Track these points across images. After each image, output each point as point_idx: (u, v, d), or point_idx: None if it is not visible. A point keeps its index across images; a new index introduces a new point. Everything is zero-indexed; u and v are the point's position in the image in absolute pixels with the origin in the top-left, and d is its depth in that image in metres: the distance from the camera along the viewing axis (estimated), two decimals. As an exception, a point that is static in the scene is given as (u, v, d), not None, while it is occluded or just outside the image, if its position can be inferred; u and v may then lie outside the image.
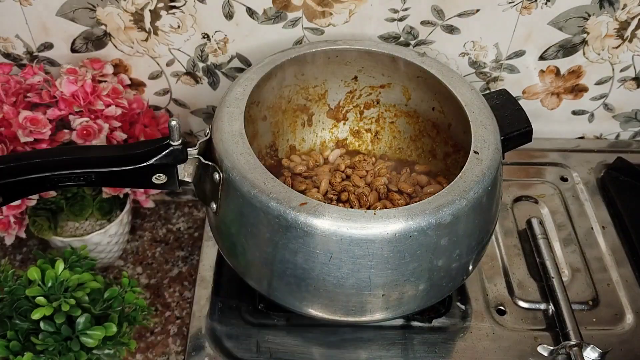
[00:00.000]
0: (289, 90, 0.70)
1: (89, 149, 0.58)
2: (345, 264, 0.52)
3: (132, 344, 0.60)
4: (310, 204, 0.51)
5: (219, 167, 0.55)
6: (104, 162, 0.54)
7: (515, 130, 0.59)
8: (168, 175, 0.55)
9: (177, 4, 0.69)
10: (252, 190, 0.52)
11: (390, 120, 0.74)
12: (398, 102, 0.72)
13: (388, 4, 0.71)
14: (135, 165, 0.54)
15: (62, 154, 0.54)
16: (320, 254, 0.51)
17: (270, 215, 0.51)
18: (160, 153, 0.53)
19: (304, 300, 0.57)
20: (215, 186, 0.56)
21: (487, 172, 0.55)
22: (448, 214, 0.51)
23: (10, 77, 0.70)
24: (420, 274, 0.54)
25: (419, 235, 0.51)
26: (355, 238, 0.50)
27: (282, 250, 0.53)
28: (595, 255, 0.75)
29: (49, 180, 0.53)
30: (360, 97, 0.73)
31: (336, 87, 0.72)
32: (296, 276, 0.54)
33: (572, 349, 0.63)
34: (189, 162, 0.56)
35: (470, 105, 0.60)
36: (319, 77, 0.70)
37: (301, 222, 0.50)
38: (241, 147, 0.55)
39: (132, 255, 0.83)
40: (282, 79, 0.68)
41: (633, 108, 0.86)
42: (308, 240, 0.51)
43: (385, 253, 0.51)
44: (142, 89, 0.78)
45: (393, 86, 0.71)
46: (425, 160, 0.72)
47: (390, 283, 0.54)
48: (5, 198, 0.54)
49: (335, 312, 0.57)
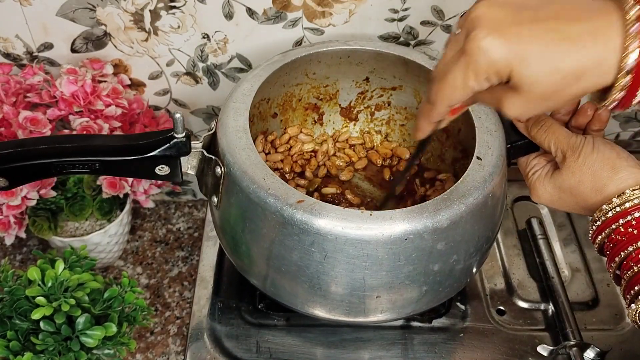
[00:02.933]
0: (299, 89, 0.70)
1: (95, 138, 0.58)
2: (340, 264, 0.52)
3: (132, 344, 0.60)
4: (307, 201, 0.51)
5: (221, 161, 0.55)
6: (108, 151, 0.54)
7: (523, 138, 0.58)
8: (171, 167, 0.56)
9: (177, 4, 0.69)
10: (251, 186, 0.52)
11: (401, 123, 0.74)
12: (409, 105, 0.72)
13: (388, 4, 0.71)
14: (139, 155, 0.54)
15: (67, 142, 0.54)
16: (315, 252, 0.52)
17: (267, 211, 0.52)
18: (163, 145, 0.54)
19: (298, 297, 0.57)
20: (217, 180, 0.56)
21: (488, 178, 0.54)
22: (445, 218, 0.51)
23: (10, 77, 0.70)
24: (416, 277, 0.54)
25: (415, 239, 0.51)
26: (350, 238, 0.50)
27: (278, 246, 0.53)
28: (595, 255, 0.75)
29: (54, 166, 0.53)
30: (372, 99, 0.73)
31: (348, 87, 0.72)
32: (291, 273, 0.54)
33: (571, 349, 0.63)
34: (192, 155, 0.57)
35: (477, 110, 0.60)
36: (331, 76, 0.70)
37: (297, 220, 0.51)
38: (244, 142, 0.55)
39: (132, 255, 0.83)
40: (292, 77, 0.68)
41: (633, 108, 0.86)
42: (304, 237, 0.51)
43: (380, 254, 0.51)
44: (142, 89, 0.78)
45: (404, 89, 0.71)
46: (433, 164, 0.72)
47: (384, 285, 0.54)
48: (11, 182, 0.54)
49: (329, 311, 0.57)
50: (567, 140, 0.52)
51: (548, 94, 0.39)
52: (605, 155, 0.50)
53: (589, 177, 0.50)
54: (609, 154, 0.50)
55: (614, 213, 0.48)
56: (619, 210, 0.48)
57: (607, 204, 0.48)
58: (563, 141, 0.52)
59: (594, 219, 0.50)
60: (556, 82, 0.38)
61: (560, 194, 0.53)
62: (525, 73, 0.38)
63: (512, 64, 0.38)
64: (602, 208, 0.49)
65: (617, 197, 0.48)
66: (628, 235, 0.47)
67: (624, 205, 0.47)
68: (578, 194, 0.51)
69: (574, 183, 0.51)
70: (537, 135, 0.55)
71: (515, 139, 0.58)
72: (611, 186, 0.49)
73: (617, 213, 0.48)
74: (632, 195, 0.47)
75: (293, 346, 0.64)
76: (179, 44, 0.73)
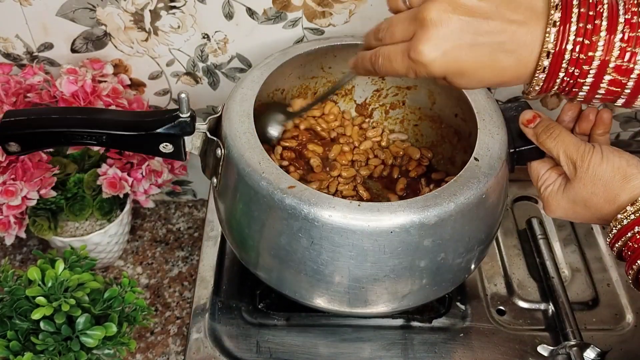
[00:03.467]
0: (315, 82, 0.71)
1: (104, 112, 0.61)
2: (326, 251, 0.52)
3: (132, 344, 0.60)
4: (298, 188, 0.52)
5: (222, 144, 0.57)
6: (115, 125, 0.56)
7: (528, 144, 0.57)
8: (175, 146, 0.58)
9: (177, 4, 0.69)
10: (246, 169, 0.53)
11: (415, 123, 0.74)
12: (423, 106, 0.72)
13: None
14: (144, 132, 0.56)
15: (78, 113, 0.57)
16: (302, 238, 0.52)
17: (259, 194, 0.53)
18: (168, 123, 0.56)
19: (285, 282, 0.58)
20: (217, 161, 0.58)
21: (482, 179, 0.54)
22: (433, 215, 0.51)
23: (10, 77, 0.70)
24: (401, 272, 0.54)
25: (401, 232, 0.51)
26: (336, 226, 0.51)
27: (269, 229, 0.54)
28: (595, 255, 0.75)
29: (63, 135, 0.56)
30: (387, 97, 0.73)
31: (363, 84, 0.72)
32: (280, 257, 0.55)
33: (572, 349, 0.63)
34: (196, 135, 0.58)
35: (482, 112, 0.59)
36: (347, 72, 0.70)
37: (287, 205, 0.51)
38: (246, 126, 0.56)
39: (132, 255, 0.83)
40: (308, 69, 0.68)
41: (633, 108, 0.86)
42: (292, 222, 0.52)
43: (365, 245, 0.52)
44: (142, 89, 0.78)
45: (419, 89, 0.71)
46: (443, 166, 0.71)
47: (369, 277, 0.54)
48: (23, 148, 0.57)
49: (313, 298, 0.58)
50: (576, 149, 0.52)
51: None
52: (615, 165, 0.50)
53: (601, 188, 0.50)
54: (618, 163, 0.50)
55: (629, 221, 0.48)
56: (633, 218, 0.48)
57: (621, 213, 0.49)
58: (572, 149, 0.52)
59: (610, 228, 0.50)
60: (482, 86, 0.48)
61: (574, 208, 0.53)
62: (456, 82, 0.47)
63: (446, 75, 0.46)
64: (617, 217, 0.49)
65: (630, 205, 0.48)
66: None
67: (638, 212, 0.48)
68: (592, 205, 0.51)
69: (586, 195, 0.51)
70: (545, 143, 0.54)
71: (521, 145, 0.58)
72: (624, 195, 0.49)
73: (632, 220, 0.48)
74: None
75: (293, 346, 0.64)
76: (179, 44, 0.73)
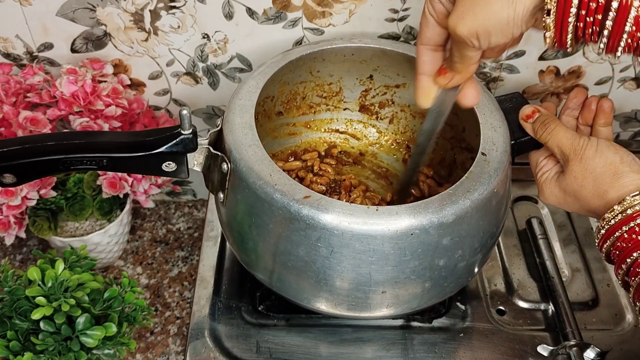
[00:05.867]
0: (303, 87, 0.71)
1: (102, 135, 0.59)
2: (346, 259, 0.52)
3: (132, 344, 0.60)
4: (313, 197, 0.51)
5: (227, 158, 0.56)
6: (115, 147, 0.55)
7: (526, 135, 0.58)
8: (178, 164, 0.56)
9: (177, 4, 0.69)
10: (257, 182, 0.53)
11: (405, 122, 0.74)
12: (413, 103, 0.72)
13: (388, 4, 0.71)
14: (146, 152, 0.55)
15: (75, 138, 0.55)
16: (322, 247, 0.52)
17: (274, 207, 0.52)
18: (170, 141, 0.55)
19: (304, 293, 0.57)
20: (224, 176, 0.57)
21: (493, 174, 0.54)
22: (451, 213, 0.51)
23: (10, 77, 0.70)
24: (421, 272, 0.54)
25: (421, 234, 0.51)
26: (356, 233, 0.50)
27: (285, 242, 0.53)
28: (595, 255, 0.75)
29: (62, 162, 0.54)
30: (376, 97, 0.73)
31: (351, 85, 0.72)
32: (297, 268, 0.54)
33: (571, 349, 0.63)
34: (198, 151, 0.57)
35: (481, 107, 0.60)
36: (335, 74, 0.70)
37: (304, 215, 0.51)
38: (250, 139, 0.56)
39: (132, 255, 0.83)
40: (297, 75, 0.68)
41: (633, 108, 0.86)
42: (310, 233, 0.51)
43: (386, 249, 0.51)
44: (142, 89, 0.78)
45: (408, 86, 0.71)
46: (435, 162, 0.72)
47: (390, 280, 0.54)
48: (19, 178, 0.55)
49: (334, 306, 0.57)
50: (571, 143, 0.52)
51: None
52: (608, 160, 0.50)
53: (591, 182, 0.50)
54: (612, 159, 0.50)
55: (616, 221, 0.48)
56: (621, 218, 0.48)
57: (609, 212, 0.48)
58: (566, 144, 0.52)
59: (598, 228, 0.50)
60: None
61: (565, 197, 0.54)
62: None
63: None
64: (605, 217, 0.49)
65: (618, 204, 0.48)
66: (633, 242, 0.47)
67: (625, 212, 0.47)
68: (581, 197, 0.51)
69: (576, 187, 0.51)
70: (542, 137, 0.56)
71: (520, 136, 0.59)
72: (612, 192, 0.49)
73: (619, 220, 0.48)
74: (633, 201, 0.47)
75: (293, 346, 0.64)
76: (179, 44, 0.73)
